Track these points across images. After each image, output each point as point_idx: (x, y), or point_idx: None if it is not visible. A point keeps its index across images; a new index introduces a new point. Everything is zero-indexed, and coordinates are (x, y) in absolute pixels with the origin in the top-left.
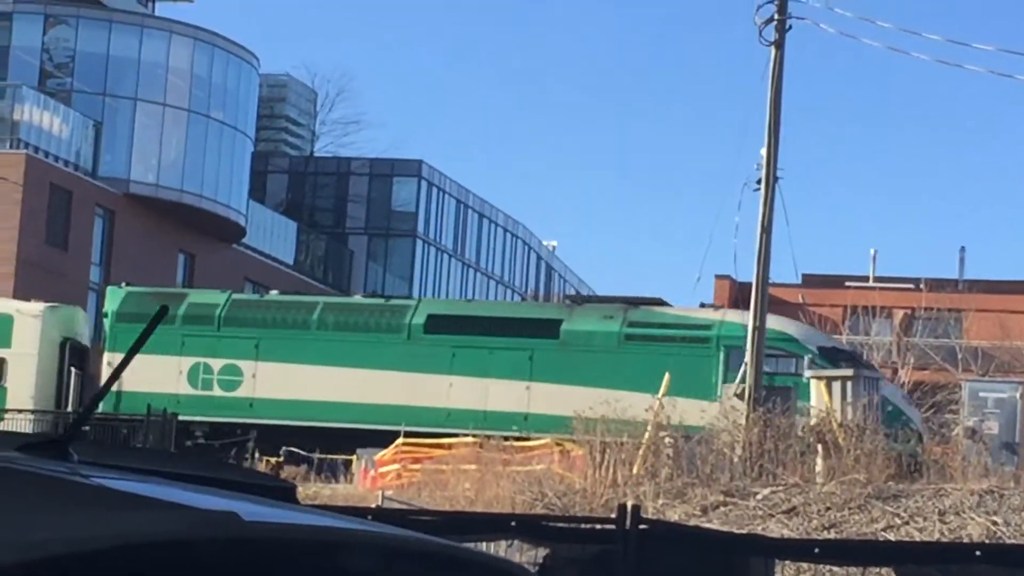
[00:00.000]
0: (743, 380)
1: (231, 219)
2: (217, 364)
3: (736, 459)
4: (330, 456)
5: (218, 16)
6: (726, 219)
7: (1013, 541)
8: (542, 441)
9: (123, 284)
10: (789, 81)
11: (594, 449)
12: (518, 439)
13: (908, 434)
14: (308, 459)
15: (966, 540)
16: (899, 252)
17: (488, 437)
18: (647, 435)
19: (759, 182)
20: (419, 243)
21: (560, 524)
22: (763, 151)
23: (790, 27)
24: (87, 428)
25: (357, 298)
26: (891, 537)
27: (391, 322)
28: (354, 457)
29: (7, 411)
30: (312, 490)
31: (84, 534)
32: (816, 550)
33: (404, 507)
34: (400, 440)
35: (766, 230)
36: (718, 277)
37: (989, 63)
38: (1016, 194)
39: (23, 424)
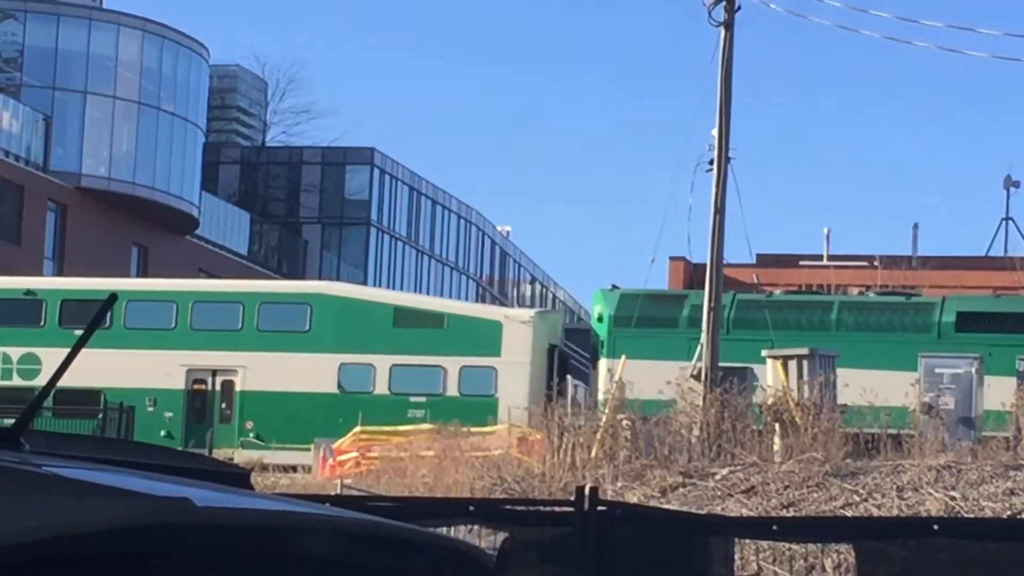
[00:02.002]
0: None
1: (184, 211)
2: None
3: (694, 440)
4: None
5: (167, 8)
6: (680, 201)
7: (970, 515)
8: (500, 427)
9: (611, 286)
10: (740, 62)
11: (552, 433)
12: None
13: None
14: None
15: (924, 515)
16: (853, 230)
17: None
18: (604, 418)
19: (711, 163)
20: (373, 231)
21: (518, 508)
22: (714, 132)
23: (739, 7)
24: None
25: (872, 296)
26: (850, 514)
27: (916, 320)
28: (311, 447)
29: None
30: (271, 480)
31: (36, 523)
32: (775, 528)
33: (363, 494)
34: (358, 428)
35: (719, 211)
36: (672, 259)
37: (938, 39)
38: (966, 169)
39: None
